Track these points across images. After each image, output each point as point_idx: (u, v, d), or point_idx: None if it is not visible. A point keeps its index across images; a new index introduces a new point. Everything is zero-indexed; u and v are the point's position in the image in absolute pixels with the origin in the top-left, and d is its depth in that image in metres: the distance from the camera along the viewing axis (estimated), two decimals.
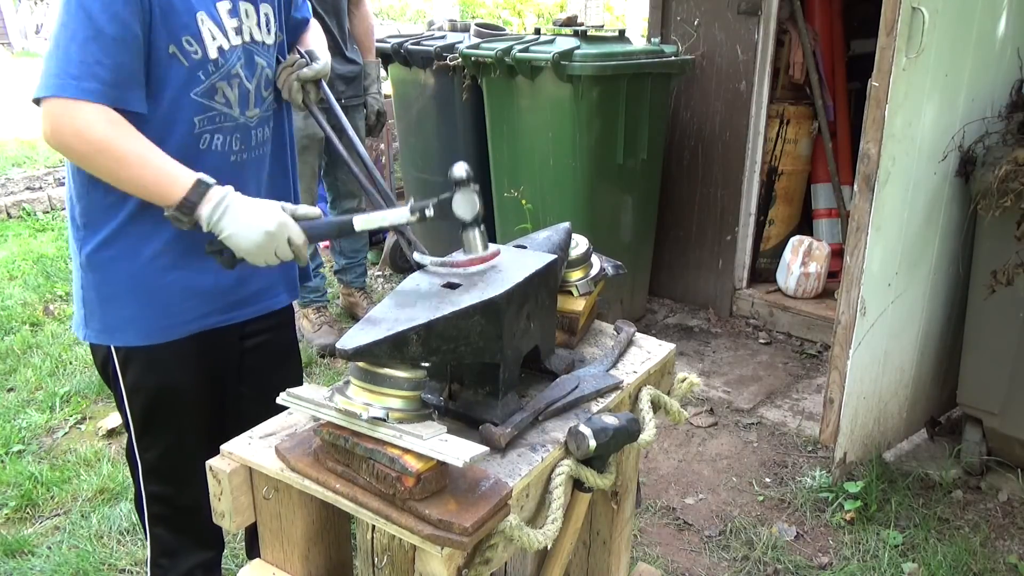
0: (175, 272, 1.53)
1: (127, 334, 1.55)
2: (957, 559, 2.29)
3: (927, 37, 2.20)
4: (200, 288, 1.56)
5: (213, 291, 1.58)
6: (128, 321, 1.54)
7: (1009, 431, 2.54)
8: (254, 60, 1.57)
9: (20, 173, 5.92)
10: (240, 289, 1.63)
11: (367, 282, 4.04)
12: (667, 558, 2.34)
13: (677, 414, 1.56)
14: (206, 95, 1.48)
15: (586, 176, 3.38)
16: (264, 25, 1.59)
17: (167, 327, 1.55)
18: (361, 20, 3.53)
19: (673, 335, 3.83)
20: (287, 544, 1.30)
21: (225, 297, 1.61)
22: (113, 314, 1.54)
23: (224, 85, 1.50)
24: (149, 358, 1.57)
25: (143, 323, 1.54)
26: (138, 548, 2.34)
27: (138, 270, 1.51)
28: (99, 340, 1.58)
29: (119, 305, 1.53)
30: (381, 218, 1.42)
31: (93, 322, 1.56)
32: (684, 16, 3.81)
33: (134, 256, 1.50)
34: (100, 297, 1.54)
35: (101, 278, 1.53)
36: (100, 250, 1.51)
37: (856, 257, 2.37)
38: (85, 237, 1.51)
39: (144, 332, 1.55)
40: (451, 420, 1.27)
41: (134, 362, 1.58)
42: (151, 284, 1.52)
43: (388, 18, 12.09)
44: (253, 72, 1.57)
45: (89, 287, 1.54)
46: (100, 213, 1.49)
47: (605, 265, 1.64)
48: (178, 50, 1.41)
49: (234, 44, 1.50)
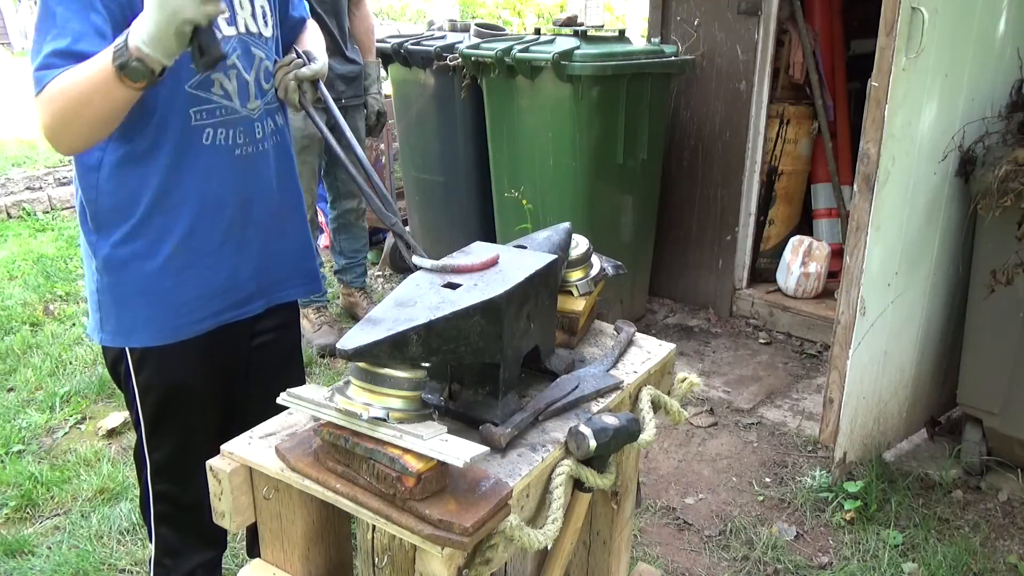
0: (189, 271, 1.53)
1: (142, 335, 1.55)
2: (957, 559, 2.29)
3: (927, 37, 2.20)
4: (214, 285, 1.57)
5: (227, 287, 1.59)
6: (144, 322, 1.54)
7: (1009, 431, 2.55)
8: (251, 51, 1.56)
9: (20, 173, 5.92)
10: (253, 283, 1.64)
11: (367, 282, 4.04)
12: (667, 558, 2.34)
13: (677, 414, 1.56)
14: (201, 87, 1.47)
15: (586, 176, 3.38)
16: (260, 17, 1.57)
17: (182, 326, 1.56)
18: (361, 20, 3.53)
19: (673, 335, 3.83)
20: (287, 544, 1.30)
21: (238, 292, 1.62)
22: (129, 316, 1.54)
23: (221, 76, 1.49)
24: (162, 357, 1.57)
25: (158, 323, 1.54)
26: (138, 548, 2.34)
27: (153, 271, 1.51)
28: (114, 343, 1.58)
29: (135, 307, 1.53)
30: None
31: (108, 325, 1.56)
32: (684, 16, 3.81)
33: (148, 257, 1.50)
34: (115, 299, 1.53)
35: (116, 280, 1.52)
36: (115, 252, 1.50)
37: (856, 257, 2.37)
38: (99, 240, 1.51)
39: (159, 332, 1.55)
40: (451, 420, 1.27)
41: (148, 362, 1.58)
42: (166, 284, 1.52)
43: (388, 18, 12.09)
44: (251, 63, 1.56)
45: (104, 290, 1.54)
46: (113, 216, 1.48)
47: (605, 265, 1.64)
48: None
49: (228, 35, 1.49)
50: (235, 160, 1.54)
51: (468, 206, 4.02)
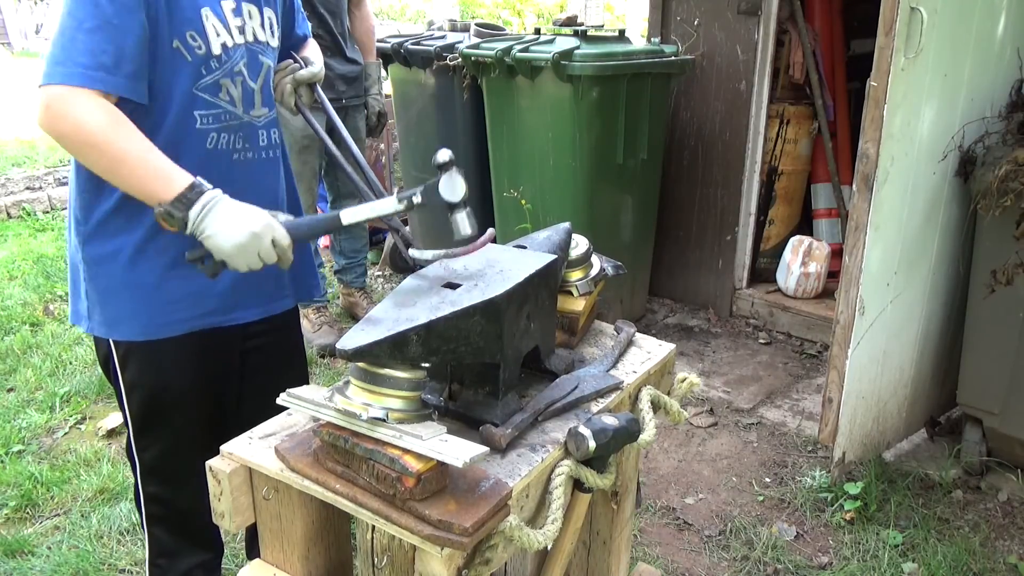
0: (176, 269, 1.53)
1: (127, 328, 1.55)
2: (957, 559, 2.29)
3: (926, 37, 2.20)
4: (201, 286, 1.55)
5: (214, 290, 1.57)
6: (128, 315, 1.54)
7: (1009, 431, 2.54)
8: (258, 60, 1.57)
9: (20, 173, 5.91)
10: (241, 289, 1.62)
11: (367, 282, 4.04)
12: (667, 558, 2.34)
13: (677, 414, 1.56)
14: (210, 91, 1.48)
15: (586, 176, 3.38)
16: (268, 28, 1.60)
17: (166, 323, 1.55)
18: (362, 20, 3.53)
19: (673, 335, 3.83)
20: (287, 544, 1.30)
21: (225, 298, 1.60)
22: (113, 308, 1.54)
23: (228, 82, 1.51)
24: (148, 354, 1.57)
25: (142, 318, 1.54)
26: (138, 548, 2.34)
27: (139, 266, 1.51)
28: (100, 333, 1.58)
29: (119, 299, 1.53)
30: (369, 210, 1.41)
31: (95, 314, 1.56)
32: (684, 16, 3.81)
33: (136, 252, 1.50)
34: (100, 291, 1.54)
35: (102, 272, 1.53)
36: (102, 245, 1.51)
37: (855, 257, 2.37)
38: (87, 232, 1.52)
39: (143, 327, 1.55)
40: (451, 420, 1.28)
41: (133, 358, 1.58)
42: (152, 280, 1.52)
43: (388, 18, 12.08)
44: (257, 72, 1.57)
45: (89, 280, 1.54)
46: (103, 209, 1.49)
47: (605, 265, 1.65)
48: (181, 45, 1.42)
49: (237, 42, 1.51)
50: (232, 164, 1.55)
51: (468, 206, 4.01)
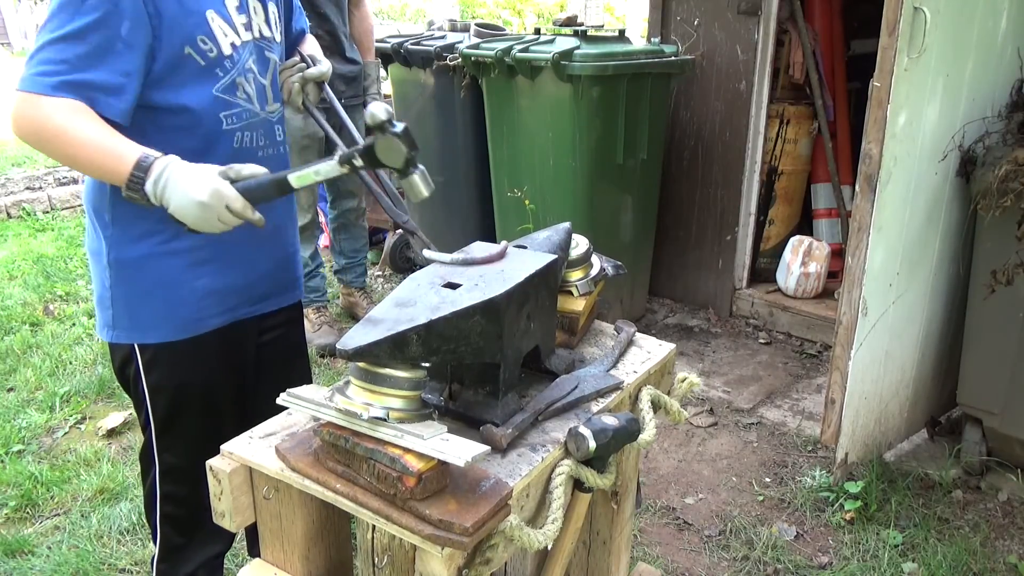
0: (207, 266, 1.54)
1: (157, 331, 1.55)
2: (957, 559, 2.29)
3: (929, 37, 2.20)
4: (231, 282, 1.58)
5: (244, 285, 1.61)
6: (161, 317, 1.54)
7: (1009, 431, 2.54)
8: (265, 56, 1.58)
9: (20, 173, 5.91)
10: (268, 279, 1.67)
11: (367, 282, 4.04)
12: (667, 558, 2.34)
13: (677, 414, 1.56)
14: (229, 91, 1.50)
15: (586, 176, 3.38)
16: (273, 23, 1.61)
17: (196, 321, 1.56)
18: (361, 20, 3.53)
19: (673, 335, 3.83)
20: (287, 544, 1.30)
21: (253, 289, 1.64)
22: (143, 312, 1.54)
23: (243, 80, 1.52)
24: (174, 356, 1.57)
25: (175, 319, 1.55)
26: (138, 548, 2.34)
27: (171, 266, 1.51)
28: (127, 339, 1.57)
29: (151, 302, 1.53)
30: (313, 173, 1.36)
31: (122, 321, 1.55)
32: (684, 16, 3.81)
33: (167, 253, 1.51)
34: (129, 296, 1.53)
35: (131, 276, 1.52)
36: (132, 248, 1.50)
37: (858, 257, 2.37)
38: (115, 235, 1.51)
39: (174, 328, 1.55)
40: (451, 420, 1.27)
41: (159, 362, 1.58)
42: (183, 280, 1.53)
43: (388, 18, 12.09)
44: (266, 67, 1.59)
45: (118, 286, 1.53)
46: (133, 211, 1.46)
47: (605, 265, 1.64)
48: (193, 50, 1.42)
49: (245, 40, 1.52)
50: (259, 162, 1.54)
51: (468, 206, 4.02)
